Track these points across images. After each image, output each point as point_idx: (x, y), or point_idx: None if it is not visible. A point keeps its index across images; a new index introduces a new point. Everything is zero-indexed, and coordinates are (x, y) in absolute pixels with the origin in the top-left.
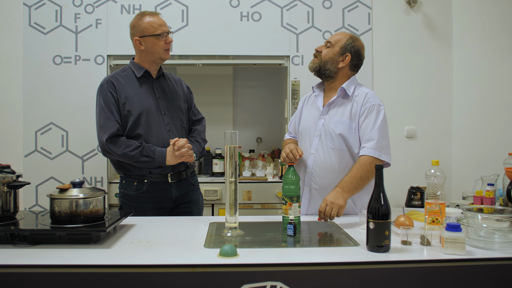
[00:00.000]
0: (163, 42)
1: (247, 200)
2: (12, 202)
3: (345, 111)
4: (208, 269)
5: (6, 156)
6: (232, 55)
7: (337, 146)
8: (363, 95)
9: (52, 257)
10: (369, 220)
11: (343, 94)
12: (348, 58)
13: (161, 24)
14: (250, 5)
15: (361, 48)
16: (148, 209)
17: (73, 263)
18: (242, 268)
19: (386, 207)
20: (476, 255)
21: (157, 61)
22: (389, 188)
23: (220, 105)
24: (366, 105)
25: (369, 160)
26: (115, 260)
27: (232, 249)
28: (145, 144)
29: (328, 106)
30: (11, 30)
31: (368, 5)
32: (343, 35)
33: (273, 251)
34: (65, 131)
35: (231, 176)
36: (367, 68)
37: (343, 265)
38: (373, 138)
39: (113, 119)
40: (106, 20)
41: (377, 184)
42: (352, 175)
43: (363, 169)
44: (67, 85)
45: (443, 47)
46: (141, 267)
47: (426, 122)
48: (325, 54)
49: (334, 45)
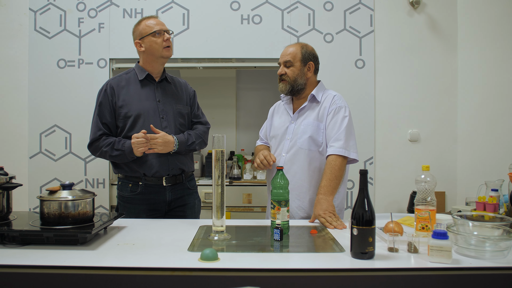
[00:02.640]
0: (161, 40)
1: (247, 203)
2: (5, 203)
3: (313, 114)
4: (187, 273)
5: (11, 157)
6: (233, 58)
7: (307, 146)
8: (331, 97)
9: (37, 258)
10: (352, 226)
11: (312, 100)
12: (312, 65)
13: (158, 23)
14: (250, 8)
15: (313, 50)
16: (142, 211)
17: (55, 264)
18: (221, 272)
19: (370, 213)
20: (463, 264)
21: (159, 60)
22: (392, 192)
23: (223, 107)
24: (333, 107)
25: (338, 159)
26: (96, 262)
27: (212, 253)
28: (117, 140)
29: (298, 113)
30: (17, 34)
31: (370, 6)
32: (295, 48)
33: (256, 255)
34: (69, 133)
35: (218, 180)
36: (369, 71)
37: (324, 271)
38: (340, 138)
39: (99, 126)
40: (109, 24)
41: (361, 190)
42: (328, 178)
43: (335, 168)
44: (71, 88)
45: (448, 49)
46: (120, 269)
47: (430, 126)
48: (291, 74)
49: (294, 61)
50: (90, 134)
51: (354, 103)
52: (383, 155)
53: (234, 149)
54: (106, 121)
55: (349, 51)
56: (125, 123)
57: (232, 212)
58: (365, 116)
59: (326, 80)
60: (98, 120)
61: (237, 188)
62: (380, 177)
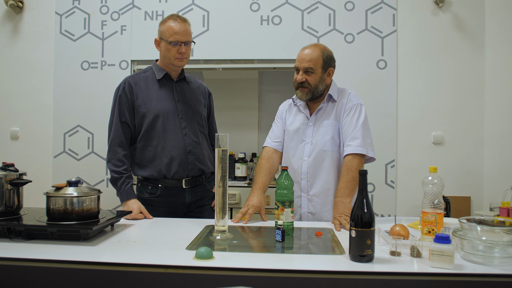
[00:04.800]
0: (175, 50)
1: (266, 205)
2: (16, 198)
3: (332, 113)
4: (180, 271)
5: (37, 156)
6: (252, 59)
7: (330, 147)
8: (346, 95)
9: (38, 252)
10: (351, 228)
11: (328, 99)
12: (332, 71)
13: (177, 32)
14: (270, 9)
15: (332, 52)
16: (161, 214)
17: (53, 258)
18: (214, 271)
19: (369, 215)
20: (467, 269)
21: (170, 67)
22: (414, 197)
23: (245, 109)
24: (349, 105)
25: (355, 160)
26: (92, 258)
27: (207, 251)
28: (125, 175)
29: (315, 114)
30: (44, 37)
31: (393, 6)
32: (315, 53)
33: (253, 255)
34: (91, 133)
35: (220, 180)
36: (391, 72)
37: (318, 273)
38: (357, 137)
39: (119, 127)
40: (131, 26)
41: (360, 191)
42: (345, 180)
43: (352, 169)
44: (94, 89)
45: (475, 49)
46: (115, 265)
47: (456, 128)
48: (313, 81)
49: (316, 68)
50: (110, 134)
51: (375, 105)
52: (406, 158)
53: (256, 151)
54: (126, 120)
55: (370, 52)
56: (142, 123)
57: None
58: (387, 118)
59: (347, 81)
60: (118, 119)
61: None
62: (402, 180)
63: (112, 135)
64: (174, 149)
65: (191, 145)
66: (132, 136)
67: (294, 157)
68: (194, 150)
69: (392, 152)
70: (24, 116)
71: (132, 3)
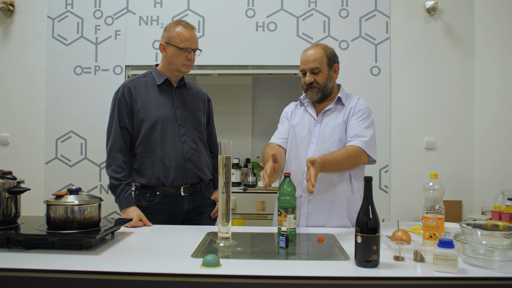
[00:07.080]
0: (184, 57)
1: (261, 210)
2: (14, 207)
3: (339, 115)
4: (188, 279)
5: (28, 162)
6: (248, 65)
7: (335, 149)
8: (355, 99)
9: (40, 262)
10: (357, 234)
11: (337, 101)
12: (337, 67)
13: (188, 39)
14: (265, 15)
15: (333, 49)
16: (159, 221)
17: (57, 268)
18: (222, 279)
19: (375, 220)
20: (470, 273)
21: (175, 73)
22: (407, 201)
23: (239, 115)
24: (358, 108)
25: (357, 150)
26: (97, 267)
27: (214, 259)
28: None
29: (322, 114)
30: (35, 41)
31: (386, 13)
32: (319, 52)
33: (259, 262)
34: (84, 139)
35: (224, 187)
36: (384, 78)
37: (326, 279)
38: (363, 136)
39: (118, 132)
40: (125, 31)
41: (366, 197)
42: (334, 158)
43: (347, 156)
44: (87, 94)
45: (465, 56)
46: (121, 274)
47: (447, 134)
48: (322, 80)
49: (322, 67)
50: (109, 140)
51: None
52: (399, 163)
53: (250, 156)
54: (125, 125)
55: (364, 59)
56: (140, 128)
57: (246, 219)
58: (381, 124)
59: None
60: (117, 124)
61: (252, 195)
62: (396, 185)
63: (112, 140)
64: (172, 156)
65: (189, 152)
66: (131, 142)
67: (298, 156)
68: (192, 157)
69: (386, 157)
70: (15, 122)
71: (126, 8)
